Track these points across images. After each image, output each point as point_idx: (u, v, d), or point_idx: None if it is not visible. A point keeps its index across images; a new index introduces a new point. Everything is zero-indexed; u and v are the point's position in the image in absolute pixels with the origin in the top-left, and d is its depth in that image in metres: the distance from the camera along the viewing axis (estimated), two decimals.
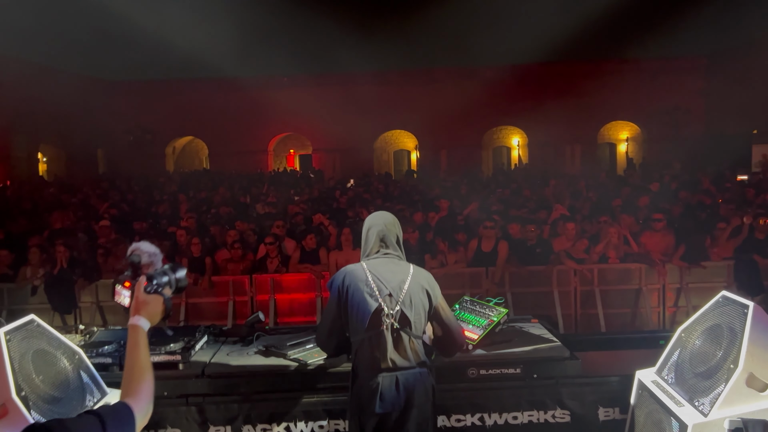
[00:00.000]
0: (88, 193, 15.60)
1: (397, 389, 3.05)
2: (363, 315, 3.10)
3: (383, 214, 3.40)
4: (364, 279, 3.14)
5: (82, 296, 8.06)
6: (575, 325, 7.99)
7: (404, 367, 3.08)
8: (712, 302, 3.15)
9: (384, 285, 3.11)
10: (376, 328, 3.09)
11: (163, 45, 22.96)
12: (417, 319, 3.13)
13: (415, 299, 3.12)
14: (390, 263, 3.20)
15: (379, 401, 3.04)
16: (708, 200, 11.19)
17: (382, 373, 3.07)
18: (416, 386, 3.08)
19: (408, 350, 3.10)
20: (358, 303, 3.12)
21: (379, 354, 3.08)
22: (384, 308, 3.08)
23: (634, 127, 29.64)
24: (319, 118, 26.79)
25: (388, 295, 3.10)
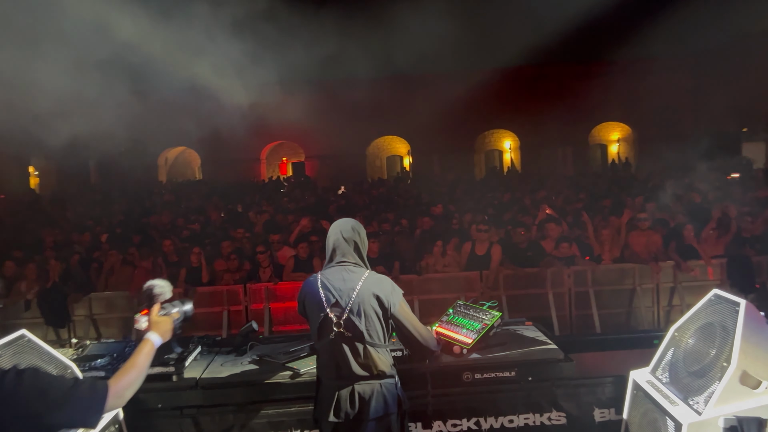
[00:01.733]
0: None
1: (352, 400, 3.03)
2: (314, 324, 3.13)
3: (343, 222, 3.33)
4: (315, 289, 3.15)
5: (76, 309, 8.02)
6: (570, 326, 7.99)
7: (361, 377, 3.05)
8: (704, 301, 3.16)
9: (332, 294, 3.10)
10: (325, 337, 3.08)
11: (152, 55, 22.95)
12: (370, 327, 3.07)
13: (365, 307, 3.07)
14: (343, 271, 3.16)
15: (333, 410, 3.04)
16: (698, 198, 11.22)
17: (340, 383, 3.07)
18: (374, 398, 3.03)
19: (364, 360, 3.05)
20: (311, 312, 3.17)
21: (335, 363, 3.07)
22: (332, 317, 3.06)
23: (625, 127, 29.77)
24: (311, 125, 26.74)
25: (335, 304, 3.08)
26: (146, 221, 12.62)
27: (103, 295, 8.15)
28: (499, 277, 8.01)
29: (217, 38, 10.20)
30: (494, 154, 31.91)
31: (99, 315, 8.10)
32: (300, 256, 8.34)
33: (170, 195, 18.77)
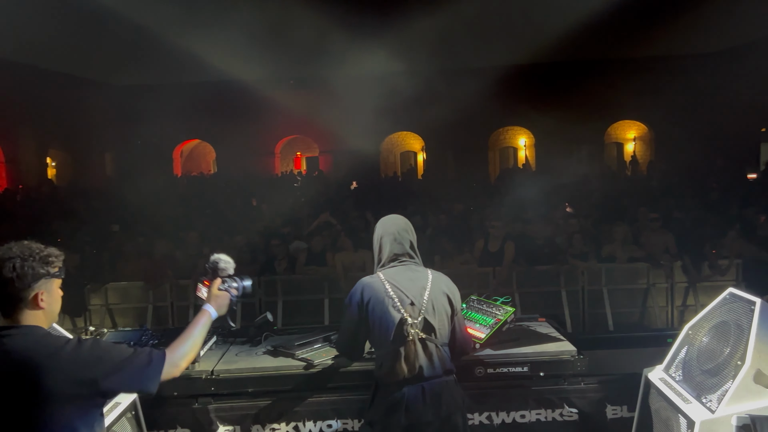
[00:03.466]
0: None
1: (424, 399, 2.96)
2: (387, 328, 3.01)
3: (395, 218, 3.27)
4: (383, 290, 3.04)
5: (92, 299, 8.13)
6: (583, 325, 7.98)
7: (431, 376, 2.99)
8: (719, 299, 3.16)
9: (405, 294, 3.02)
10: (401, 340, 3.00)
11: (169, 48, 23.06)
12: (441, 326, 3.05)
13: (437, 305, 3.04)
14: (407, 271, 3.10)
15: (405, 412, 2.95)
16: (715, 197, 11.15)
17: (408, 384, 2.98)
18: (443, 395, 2.99)
19: (434, 359, 3.01)
20: (381, 316, 3.02)
21: (406, 365, 2.98)
22: (408, 318, 3.00)
23: (642, 126, 29.53)
24: (326, 120, 26.80)
25: (410, 305, 3.02)
26: (161, 213, 12.70)
27: (119, 285, 8.25)
28: (512, 273, 8.02)
29: (235, 33, 10.29)
30: (509, 151, 31.80)
31: (114, 305, 8.20)
32: (313, 250, 8.39)
33: (185, 188, 18.89)
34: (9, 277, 2.15)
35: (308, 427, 3.74)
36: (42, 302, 2.21)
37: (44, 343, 2.15)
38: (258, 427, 3.73)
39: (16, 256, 2.18)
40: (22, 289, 2.17)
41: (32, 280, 2.18)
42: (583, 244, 8.17)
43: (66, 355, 2.12)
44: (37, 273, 2.19)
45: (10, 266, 2.15)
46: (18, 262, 2.16)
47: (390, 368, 3.01)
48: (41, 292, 2.21)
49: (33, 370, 2.06)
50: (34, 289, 2.19)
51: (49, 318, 2.29)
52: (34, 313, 2.21)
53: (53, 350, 2.12)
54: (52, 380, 2.06)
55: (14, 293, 2.16)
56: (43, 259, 2.23)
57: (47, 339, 2.19)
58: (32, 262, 2.19)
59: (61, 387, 2.07)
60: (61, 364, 2.09)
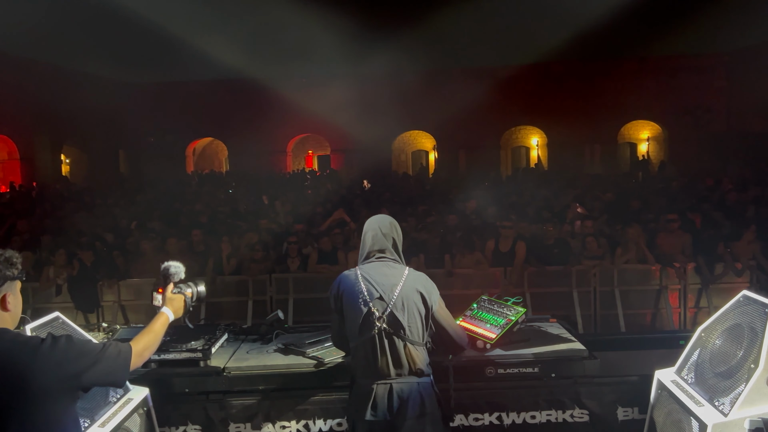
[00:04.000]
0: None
1: (390, 398, 2.99)
2: (355, 319, 3.08)
3: (380, 217, 3.33)
4: (355, 283, 3.12)
5: (105, 295, 8.19)
6: (594, 326, 7.94)
7: (399, 375, 3.02)
8: (733, 302, 3.13)
9: (375, 288, 3.06)
10: (367, 332, 3.04)
11: (183, 47, 23.20)
12: (411, 323, 3.05)
13: (408, 303, 3.05)
14: (383, 267, 3.14)
15: (370, 409, 3.00)
16: (732, 198, 11.05)
17: (377, 381, 3.03)
18: (411, 397, 3.00)
19: (403, 357, 3.03)
20: (351, 307, 3.10)
21: (373, 360, 3.03)
22: (374, 312, 3.03)
23: (655, 126, 29.32)
24: (338, 118, 26.84)
25: (378, 299, 3.05)
26: (175, 210, 12.78)
27: (132, 282, 8.30)
28: (524, 274, 7.99)
29: (248, 32, 10.32)
30: (521, 150, 31.69)
31: (127, 301, 8.26)
32: (324, 249, 8.41)
33: (198, 185, 18.99)
34: None
35: (318, 425, 3.75)
36: (9, 304, 2.20)
37: (20, 342, 2.15)
38: (268, 425, 3.75)
39: None
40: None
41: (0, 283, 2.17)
42: (597, 247, 8.12)
43: (46, 352, 2.12)
44: (3, 275, 2.18)
45: None
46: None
47: (358, 361, 3.10)
48: (8, 294, 2.20)
49: (16, 370, 2.05)
50: (1, 292, 2.18)
51: (14, 320, 2.28)
52: (1, 315, 2.19)
53: (32, 349, 2.12)
54: (38, 378, 2.06)
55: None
56: (8, 261, 2.21)
57: (21, 338, 2.19)
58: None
59: (47, 384, 2.08)
60: (44, 362, 2.10)
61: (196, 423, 3.75)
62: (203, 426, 3.74)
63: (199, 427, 3.74)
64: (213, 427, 3.74)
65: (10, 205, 14.45)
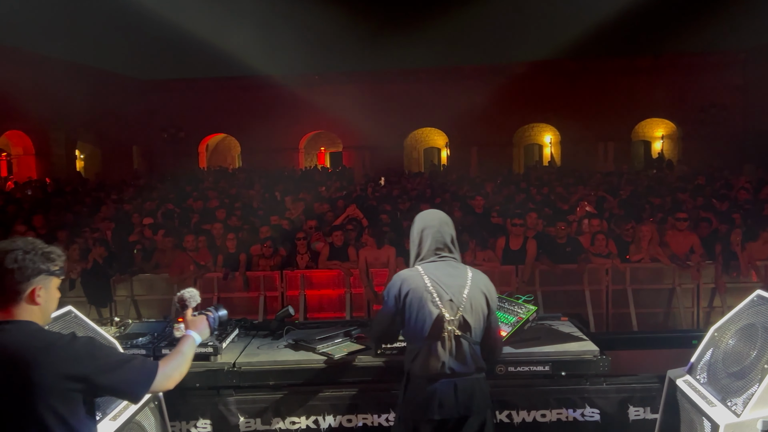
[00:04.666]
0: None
1: (456, 395, 2.96)
2: (423, 322, 2.99)
3: (436, 213, 3.24)
4: (423, 285, 3.01)
5: (118, 290, 8.25)
6: (606, 325, 7.89)
7: (463, 373, 2.98)
8: (747, 301, 3.10)
9: (444, 290, 2.99)
10: (437, 335, 2.98)
11: (196, 43, 23.34)
12: (477, 325, 3.03)
13: (475, 304, 3.01)
14: (447, 267, 3.07)
15: (437, 407, 2.95)
16: (746, 196, 10.94)
17: (440, 379, 2.98)
18: (474, 392, 2.99)
19: (468, 356, 3.00)
20: (418, 310, 2.99)
21: (439, 360, 2.97)
22: (446, 315, 2.97)
23: (670, 124, 29.04)
24: (350, 115, 26.84)
25: (449, 301, 2.99)
26: (189, 206, 12.86)
27: (145, 277, 8.36)
28: (535, 272, 7.95)
29: (261, 29, 10.34)
30: (534, 148, 31.54)
31: (140, 296, 8.32)
32: (335, 245, 8.41)
33: (211, 181, 19.07)
34: (10, 269, 2.14)
35: (328, 422, 3.76)
36: (38, 298, 2.21)
37: (38, 337, 2.15)
38: (278, 420, 3.76)
39: (19, 248, 2.17)
40: (21, 282, 2.16)
41: (32, 275, 2.18)
42: (606, 245, 8.06)
43: (58, 349, 2.12)
44: (37, 267, 2.19)
45: (12, 258, 2.14)
46: (20, 255, 2.16)
47: (423, 363, 3.01)
48: (38, 287, 2.20)
49: (24, 363, 2.06)
50: (32, 284, 2.19)
51: (44, 316, 2.28)
52: (30, 308, 2.20)
53: (46, 344, 2.12)
54: (42, 374, 2.06)
55: (12, 285, 2.16)
56: (45, 255, 2.22)
57: (41, 333, 2.19)
58: (34, 256, 2.18)
59: (50, 381, 2.07)
60: (52, 358, 2.09)
61: (207, 418, 3.77)
62: (213, 421, 3.76)
63: (209, 421, 3.77)
64: (223, 422, 3.76)
65: (24, 201, 14.58)
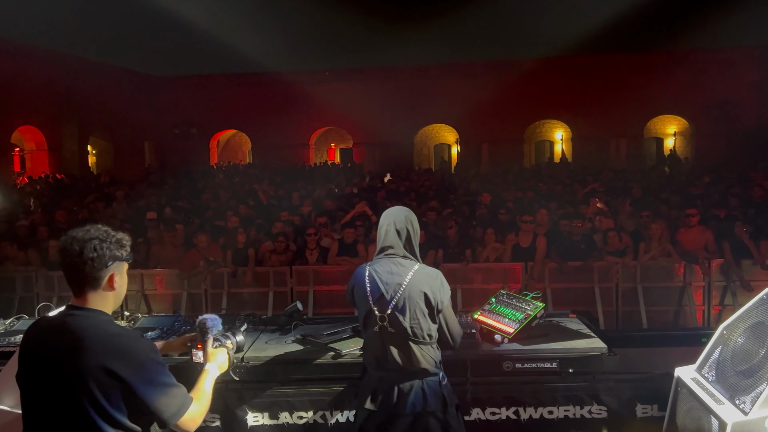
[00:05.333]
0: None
1: (391, 392, 3.00)
2: (360, 315, 3.13)
3: (395, 211, 3.25)
4: (364, 279, 3.12)
5: (128, 284, 8.30)
6: (616, 322, 7.86)
7: (403, 372, 3.01)
8: (757, 299, 3.07)
9: (379, 286, 3.04)
10: (369, 329, 3.07)
11: (208, 40, 23.41)
12: (414, 324, 3.00)
13: (410, 303, 3.00)
14: (390, 264, 3.10)
15: (369, 399, 3.04)
16: (759, 192, 10.84)
17: (381, 374, 3.05)
18: (413, 393, 2.99)
19: (406, 356, 3.01)
20: (359, 302, 3.13)
21: (378, 355, 3.05)
22: (375, 311, 3.02)
23: (682, 121, 28.84)
24: (360, 111, 26.87)
25: (380, 296, 3.03)
26: (199, 202, 12.92)
27: (155, 272, 8.41)
28: (545, 269, 7.93)
29: (273, 26, 10.36)
30: (545, 144, 31.41)
31: (150, 291, 8.37)
32: (345, 241, 8.43)
33: (222, 177, 19.14)
34: (90, 257, 2.21)
35: (335, 417, 3.77)
36: (115, 283, 2.30)
37: (102, 327, 2.22)
38: (286, 415, 3.78)
39: (95, 237, 2.24)
40: (99, 269, 2.24)
41: (109, 261, 2.25)
42: (619, 241, 8.02)
43: (114, 341, 2.18)
44: (113, 255, 2.26)
45: (91, 247, 2.21)
46: (98, 243, 2.23)
47: (366, 354, 3.17)
48: (115, 273, 2.29)
49: (80, 349, 2.13)
50: (109, 270, 2.27)
51: (117, 300, 2.37)
52: (105, 294, 2.29)
53: (106, 334, 2.19)
54: (87, 357, 2.12)
55: (91, 273, 2.23)
56: (119, 242, 2.30)
57: (108, 325, 2.26)
58: (110, 244, 2.26)
59: (92, 366, 2.12)
60: (103, 347, 2.15)
61: (214, 412, 3.78)
62: (221, 415, 3.78)
63: (217, 415, 3.78)
64: (231, 415, 3.78)
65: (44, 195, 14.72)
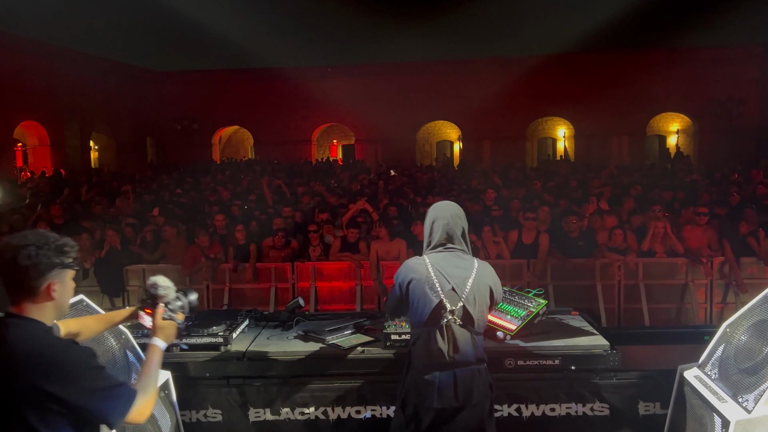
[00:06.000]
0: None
1: (455, 385, 2.99)
2: (423, 309, 3.04)
3: (449, 204, 3.26)
4: (425, 274, 3.06)
5: (130, 280, 8.32)
6: (618, 320, 7.84)
7: (463, 363, 3.01)
8: (760, 297, 3.07)
9: (447, 280, 3.03)
10: (435, 323, 3.02)
11: (211, 35, 23.40)
12: (480, 317, 3.06)
13: (478, 296, 3.04)
14: (454, 257, 3.10)
15: (437, 396, 2.98)
16: (762, 190, 10.81)
17: (440, 368, 3.01)
18: (474, 383, 3.01)
19: (468, 346, 3.02)
20: (419, 297, 3.05)
21: (439, 349, 3.00)
22: (446, 304, 3.01)
23: (685, 118, 28.77)
24: (363, 108, 26.84)
25: (451, 290, 3.03)
26: (201, 197, 12.91)
27: (157, 267, 8.41)
28: (547, 266, 7.92)
29: (275, 21, 10.33)
30: (547, 141, 31.37)
31: None
32: (348, 238, 8.42)
33: (223, 173, 19.13)
34: (24, 265, 2.07)
35: (337, 413, 3.78)
36: (54, 292, 2.14)
37: (37, 340, 2.07)
38: (287, 410, 3.78)
39: (31, 243, 2.10)
40: (36, 278, 2.10)
41: (46, 269, 2.11)
42: (623, 240, 8.00)
43: (47, 359, 2.03)
44: (51, 262, 2.12)
45: (26, 254, 2.07)
46: (33, 250, 2.09)
47: (423, 349, 3.05)
48: (54, 282, 2.14)
49: (11, 364, 2.00)
50: (47, 279, 2.12)
51: (59, 309, 2.22)
52: (43, 304, 2.14)
53: (40, 349, 2.04)
54: (21, 380, 1.99)
55: (27, 282, 2.10)
56: (59, 249, 2.16)
57: (43, 336, 2.11)
58: (47, 251, 2.12)
59: (27, 390, 1.99)
60: (37, 366, 2.01)
61: (216, 407, 3.79)
62: (223, 410, 3.79)
63: (219, 411, 3.79)
64: (233, 411, 3.78)
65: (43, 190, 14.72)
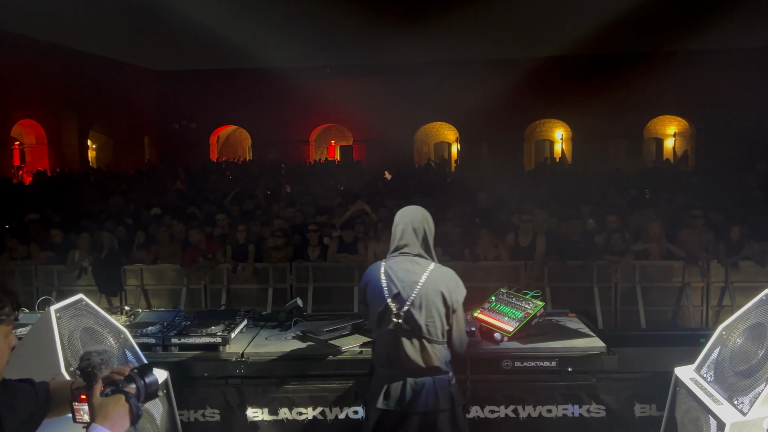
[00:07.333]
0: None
1: (403, 391, 3.00)
2: (374, 312, 3.09)
3: (412, 209, 3.25)
4: (378, 277, 3.11)
5: (128, 279, 8.33)
6: (615, 322, 7.87)
7: (414, 370, 3.01)
8: (756, 300, 3.08)
9: (395, 284, 3.04)
10: (384, 327, 3.05)
11: (209, 35, 23.34)
12: (430, 323, 3.01)
13: (426, 302, 3.00)
14: (407, 262, 3.09)
15: (382, 398, 3.02)
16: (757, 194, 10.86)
17: (393, 373, 3.04)
18: (424, 391, 2.99)
19: (420, 354, 3.01)
20: (372, 300, 3.11)
21: (391, 353, 3.04)
22: (392, 308, 3.02)
23: (683, 121, 28.84)
24: (361, 109, 26.85)
25: (396, 295, 3.03)
26: (198, 196, 12.92)
27: (155, 267, 8.42)
28: (544, 268, 7.94)
29: (273, 21, 10.34)
30: (545, 144, 31.41)
31: (150, 286, 8.38)
32: (344, 238, 8.44)
33: (221, 173, 19.14)
34: None
35: (334, 413, 3.79)
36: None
37: None
38: (285, 411, 3.79)
39: None
40: None
41: None
42: (622, 242, 8.03)
43: None
44: None
45: None
46: None
47: (377, 352, 3.13)
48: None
49: None
50: None
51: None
52: None
53: None
54: None
55: None
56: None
57: None
58: None
59: None
60: None
61: (214, 407, 3.80)
62: (221, 410, 3.80)
63: (217, 411, 3.80)
64: (230, 411, 3.79)
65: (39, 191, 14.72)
